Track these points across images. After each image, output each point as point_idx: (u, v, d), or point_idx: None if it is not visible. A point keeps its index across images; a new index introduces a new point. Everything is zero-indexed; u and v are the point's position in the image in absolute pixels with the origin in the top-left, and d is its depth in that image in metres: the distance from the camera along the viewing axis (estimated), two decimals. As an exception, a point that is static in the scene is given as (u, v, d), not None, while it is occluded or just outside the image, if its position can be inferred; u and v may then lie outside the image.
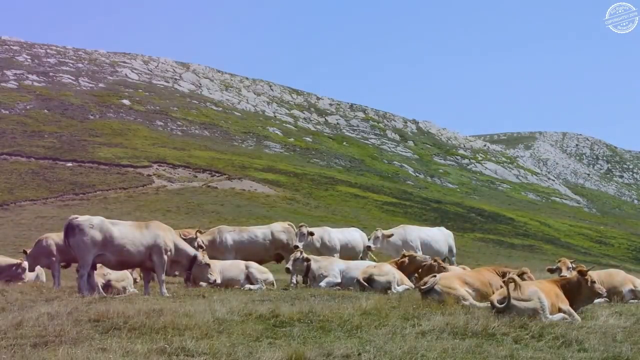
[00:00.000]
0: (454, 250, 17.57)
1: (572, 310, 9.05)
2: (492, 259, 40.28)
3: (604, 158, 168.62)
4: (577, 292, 9.33)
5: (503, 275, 10.66)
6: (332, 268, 13.55)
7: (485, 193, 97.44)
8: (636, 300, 11.85)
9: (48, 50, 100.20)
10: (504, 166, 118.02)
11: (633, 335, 7.89)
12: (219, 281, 13.02)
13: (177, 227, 15.54)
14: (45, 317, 8.34)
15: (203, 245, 15.08)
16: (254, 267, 14.05)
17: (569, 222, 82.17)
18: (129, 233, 11.93)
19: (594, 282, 9.38)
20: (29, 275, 15.80)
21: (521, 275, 10.59)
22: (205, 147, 73.31)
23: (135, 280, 14.15)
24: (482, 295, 10.00)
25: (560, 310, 8.97)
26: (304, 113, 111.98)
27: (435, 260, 13.10)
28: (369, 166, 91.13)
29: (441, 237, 17.25)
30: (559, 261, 11.25)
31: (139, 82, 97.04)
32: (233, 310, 8.94)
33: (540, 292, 8.86)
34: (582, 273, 9.33)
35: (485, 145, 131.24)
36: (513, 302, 8.63)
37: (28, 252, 14.85)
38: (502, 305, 8.55)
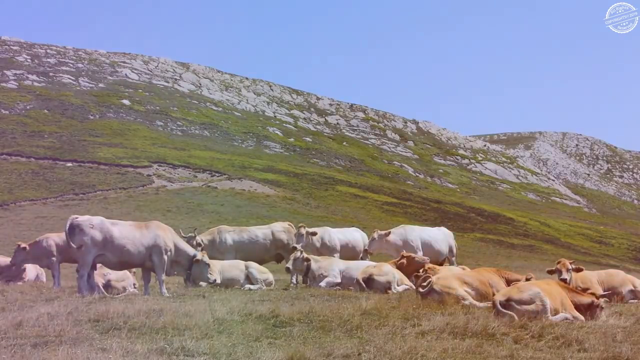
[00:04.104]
0: (455, 251, 17.55)
1: (577, 314, 9.03)
2: (492, 259, 40.25)
3: (604, 158, 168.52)
4: (585, 310, 9.27)
5: (506, 280, 10.61)
6: (332, 268, 13.56)
7: (485, 193, 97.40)
8: (636, 301, 11.85)
9: (48, 50, 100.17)
10: (504, 166, 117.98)
11: (633, 335, 7.90)
12: (219, 281, 13.02)
13: (177, 227, 15.54)
14: (45, 317, 8.34)
15: (202, 244, 15.11)
16: (254, 267, 14.06)
17: (569, 222, 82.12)
18: (129, 233, 11.95)
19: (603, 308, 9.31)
20: (28, 275, 15.78)
21: (528, 280, 10.56)
22: (205, 147, 73.30)
23: (134, 285, 14.14)
24: (481, 295, 10.00)
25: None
26: (304, 113, 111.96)
27: (428, 268, 12.92)
28: (369, 166, 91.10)
29: (442, 237, 17.23)
30: (559, 262, 11.16)
31: (139, 82, 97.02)
32: (233, 310, 8.94)
33: (543, 293, 8.83)
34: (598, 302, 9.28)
35: (485, 145, 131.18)
36: (514, 303, 8.62)
37: (23, 246, 14.74)
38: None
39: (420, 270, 12.50)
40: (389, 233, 15.95)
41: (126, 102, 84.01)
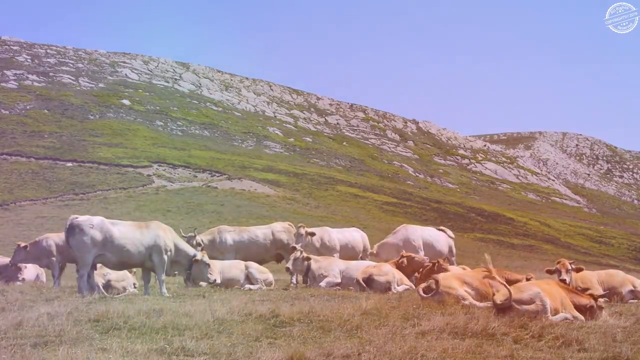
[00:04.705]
0: (454, 251, 17.56)
1: (577, 314, 9.03)
2: (492, 259, 40.19)
3: (604, 158, 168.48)
4: (584, 310, 9.26)
5: (506, 280, 10.60)
6: (332, 268, 13.56)
7: (485, 193, 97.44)
8: (636, 301, 11.84)
9: (48, 50, 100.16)
10: (504, 166, 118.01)
11: (633, 335, 7.89)
12: (219, 281, 13.02)
13: (177, 227, 15.54)
14: (45, 317, 8.34)
15: (202, 244, 15.11)
16: (254, 267, 14.06)
17: (569, 222, 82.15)
18: (129, 233, 11.94)
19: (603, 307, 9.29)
20: (27, 274, 15.72)
21: (528, 280, 10.56)
22: (205, 147, 73.33)
23: (134, 285, 14.14)
24: (481, 295, 9.99)
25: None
26: (304, 113, 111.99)
27: (437, 262, 13.06)
28: (369, 166, 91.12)
29: (442, 237, 17.25)
30: (558, 262, 11.11)
31: (139, 82, 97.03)
32: (233, 310, 8.94)
33: (543, 293, 8.83)
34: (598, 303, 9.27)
35: (485, 145, 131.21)
36: (514, 303, 8.62)
37: (23, 246, 14.73)
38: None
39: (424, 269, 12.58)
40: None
41: (126, 102, 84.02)
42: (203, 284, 13.05)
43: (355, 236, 16.82)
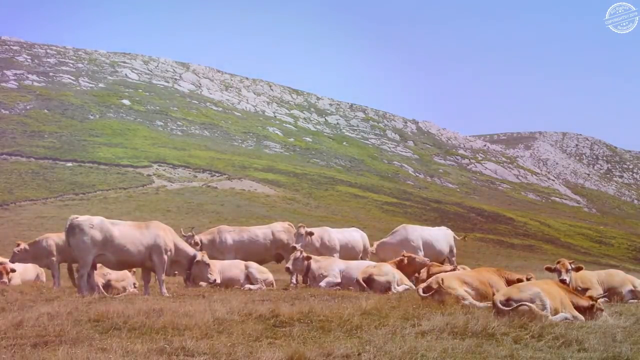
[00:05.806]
0: (454, 250, 17.56)
1: (577, 314, 9.02)
2: (492, 259, 40.27)
3: (604, 158, 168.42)
4: (582, 310, 9.25)
5: (506, 280, 10.60)
6: (332, 268, 13.55)
7: (485, 193, 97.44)
8: (636, 300, 11.84)
9: (48, 50, 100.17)
10: (503, 166, 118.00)
11: (633, 335, 7.89)
12: (218, 281, 13.01)
13: (177, 227, 15.55)
14: (45, 317, 8.34)
15: (200, 243, 15.11)
16: (254, 267, 14.05)
17: (569, 222, 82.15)
18: (129, 233, 11.94)
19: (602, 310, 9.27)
20: (28, 275, 15.66)
21: (528, 280, 10.56)
22: (205, 147, 73.36)
23: (134, 285, 14.12)
24: (481, 295, 10.00)
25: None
26: (304, 113, 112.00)
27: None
28: (369, 166, 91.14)
29: (442, 237, 17.26)
30: (558, 262, 11.06)
31: (139, 82, 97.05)
32: (233, 310, 8.93)
33: (543, 293, 8.82)
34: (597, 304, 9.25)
35: (485, 145, 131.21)
36: (514, 303, 8.62)
37: (23, 246, 14.69)
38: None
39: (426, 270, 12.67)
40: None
41: (126, 102, 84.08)
42: (203, 284, 13.04)
43: (355, 236, 16.81)
